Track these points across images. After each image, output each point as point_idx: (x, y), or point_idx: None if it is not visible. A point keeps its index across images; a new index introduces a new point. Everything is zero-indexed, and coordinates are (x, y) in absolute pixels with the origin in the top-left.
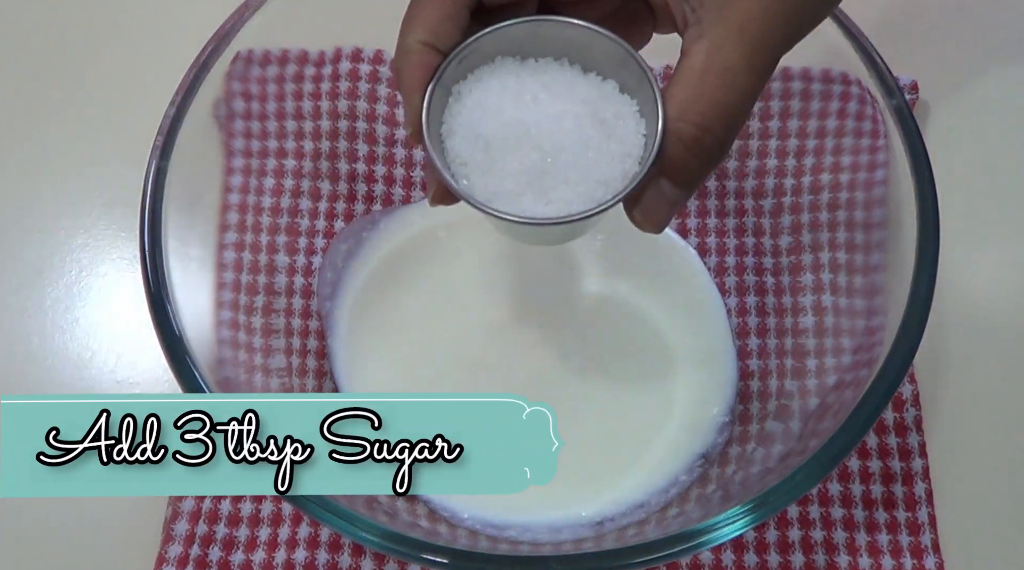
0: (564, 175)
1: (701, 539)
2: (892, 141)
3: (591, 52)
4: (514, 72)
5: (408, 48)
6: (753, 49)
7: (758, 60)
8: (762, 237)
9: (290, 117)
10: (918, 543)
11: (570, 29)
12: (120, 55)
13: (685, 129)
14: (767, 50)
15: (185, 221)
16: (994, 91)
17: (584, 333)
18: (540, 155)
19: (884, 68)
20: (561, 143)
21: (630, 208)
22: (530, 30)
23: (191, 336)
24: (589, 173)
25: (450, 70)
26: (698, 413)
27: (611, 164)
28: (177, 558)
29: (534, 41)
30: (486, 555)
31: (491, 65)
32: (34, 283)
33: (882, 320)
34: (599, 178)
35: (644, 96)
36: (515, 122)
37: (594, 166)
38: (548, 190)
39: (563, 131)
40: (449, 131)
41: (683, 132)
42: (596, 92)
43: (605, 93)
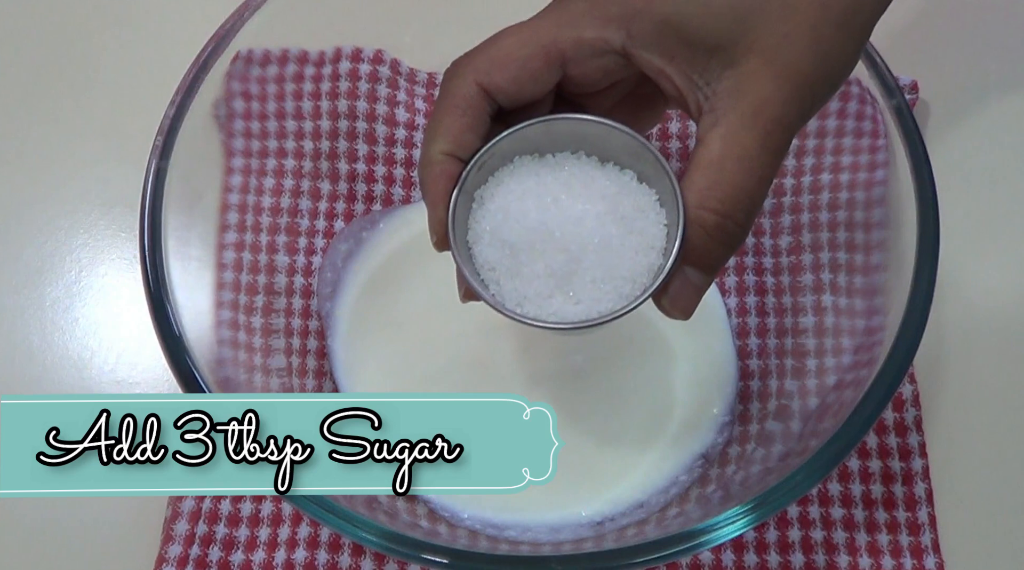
0: (591, 275)
1: (701, 539)
2: (892, 141)
3: (606, 144)
4: (534, 172)
5: (431, 159)
6: (768, 133)
7: (773, 142)
8: (762, 237)
9: (290, 117)
10: (918, 543)
11: (584, 125)
12: (120, 55)
13: (707, 217)
14: (782, 130)
15: (185, 221)
16: (994, 91)
17: (584, 333)
18: (566, 257)
19: (884, 68)
20: (585, 244)
21: (658, 298)
22: (545, 129)
23: (191, 336)
24: (614, 270)
25: (471, 176)
26: (698, 413)
27: (635, 258)
28: (177, 558)
29: (550, 138)
30: (486, 555)
31: (510, 166)
32: (34, 283)
33: (882, 320)
34: (624, 274)
35: (662, 185)
36: (539, 226)
37: (618, 262)
38: (576, 290)
39: (586, 231)
40: (475, 237)
41: (705, 220)
42: (615, 186)
43: (624, 186)
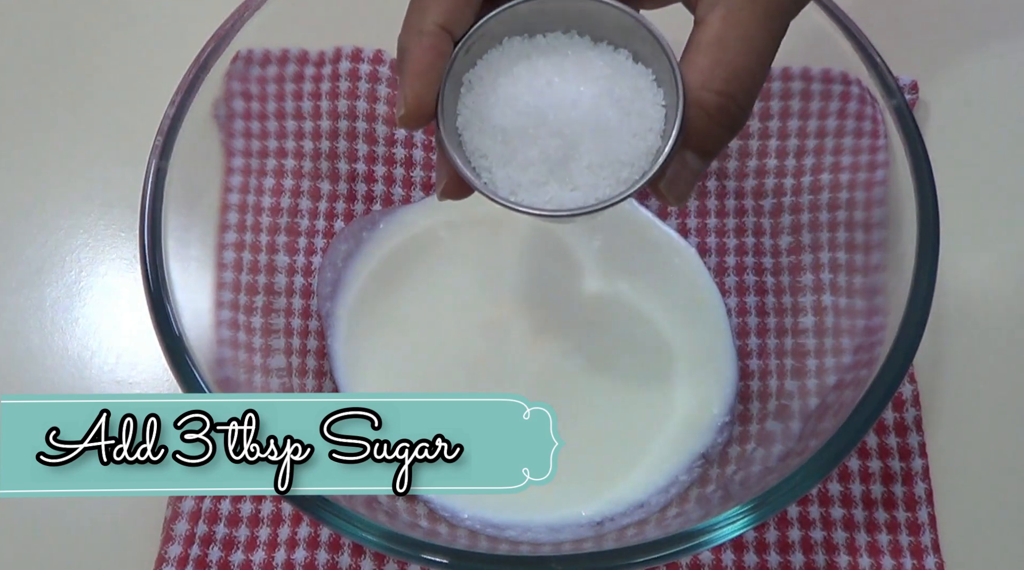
0: (587, 160)
1: (701, 539)
2: (892, 141)
3: (599, 21)
4: (525, 54)
5: (421, 29)
6: (768, 14)
7: (773, 25)
8: (762, 237)
9: (290, 117)
10: (918, 543)
11: (576, 1)
12: (120, 55)
13: (709, 98)
14: (780, 15)
15: (185, 221)
16: (994, 91)
17: (584, 333)
18: (561, 142)
19: (884, 68)
20: (581, 128)
21: (655, 183)
22: (536, 6)
23: (191, 336)
24: (612, 154)
25: (459, 60)
26: (698, 413)
27: (633, 142)
28: (177, 558)
29: (541, 16)
30: (486, 555)
31: (499, 48)
32: (34, 283)
33: (882, 320)
34: (622, 158)
35: (659, 65)
36: (531, 109)
37: (616, 146)
38: (573, 176)
39: (581, 115)
40: (464, 123)
41: (707, 102)
42: (610, 67)
43: (619, 66)
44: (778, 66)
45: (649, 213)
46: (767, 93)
